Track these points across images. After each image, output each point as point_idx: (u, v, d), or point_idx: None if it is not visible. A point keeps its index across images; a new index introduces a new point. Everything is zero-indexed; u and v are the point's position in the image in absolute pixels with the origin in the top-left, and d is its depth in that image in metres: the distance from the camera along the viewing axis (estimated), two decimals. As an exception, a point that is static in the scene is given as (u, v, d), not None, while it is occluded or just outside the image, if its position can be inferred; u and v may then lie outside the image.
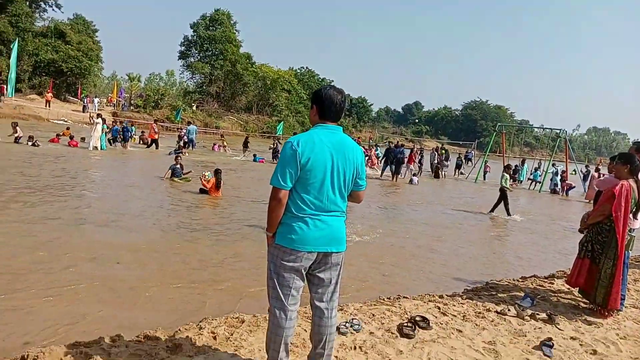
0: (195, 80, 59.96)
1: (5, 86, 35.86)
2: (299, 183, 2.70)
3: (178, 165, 13.81)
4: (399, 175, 21.07)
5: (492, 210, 13.57)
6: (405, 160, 21.79)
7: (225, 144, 27.87)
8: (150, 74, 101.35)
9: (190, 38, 59.35)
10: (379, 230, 9.58)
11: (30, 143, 17.87)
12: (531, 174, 26.44)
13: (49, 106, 37.42)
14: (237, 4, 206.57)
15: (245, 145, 26.55)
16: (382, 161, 23.12)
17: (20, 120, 30.97)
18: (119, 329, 3.86)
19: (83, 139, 21.37)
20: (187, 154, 21.50)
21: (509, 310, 4.80)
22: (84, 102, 41.68)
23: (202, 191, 11.82)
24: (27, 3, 45.92)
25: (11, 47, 35.01)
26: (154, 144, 23.14)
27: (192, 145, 25.34)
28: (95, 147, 19.15)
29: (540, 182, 24.91)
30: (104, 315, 4.42)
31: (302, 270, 2.78)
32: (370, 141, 47.05)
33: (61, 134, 22.04)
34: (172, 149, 21.88)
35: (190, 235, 7.71)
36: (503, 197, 13.34)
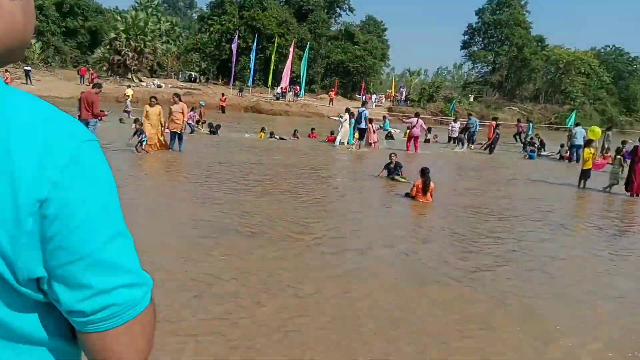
0: (477, 70, 57.12)
1: (299, 87, 41.10)
2: None
3: (392, 164, 12.31)
4: None
5: None
6: None
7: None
8: (438, 68, 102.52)
9: (474, 26, 56.71)
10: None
11: (277, 137, 19.17)
12: None
13: (332, 104, 41.11)
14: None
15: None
16: None
17: (304, 117, 34.90)
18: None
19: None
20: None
21: None
22: (363, 99, 44.34)
23: (407, 195, 10.05)
24: (325, 11, 51.77)
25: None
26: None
27: (472, 141, 22.31)
28: (342, 143, 19.30)
29: None
30: None
31: None
32: None
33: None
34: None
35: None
36: None
